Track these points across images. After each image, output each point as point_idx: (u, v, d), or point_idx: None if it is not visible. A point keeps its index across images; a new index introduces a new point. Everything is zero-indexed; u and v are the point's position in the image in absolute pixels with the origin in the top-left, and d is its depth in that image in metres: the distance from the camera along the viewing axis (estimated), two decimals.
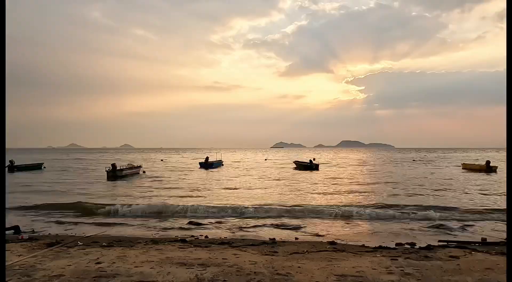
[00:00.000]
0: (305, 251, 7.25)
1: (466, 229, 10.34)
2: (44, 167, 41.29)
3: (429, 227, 10.59)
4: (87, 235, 9.25)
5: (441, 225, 10.73)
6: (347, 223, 11.28)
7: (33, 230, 10.02)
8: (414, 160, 60.02)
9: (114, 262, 6.13)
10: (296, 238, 9.19)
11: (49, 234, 9.54)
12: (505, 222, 11.09)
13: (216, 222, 11.45)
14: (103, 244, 7.83)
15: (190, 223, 11.25)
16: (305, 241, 8.72)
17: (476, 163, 39.79)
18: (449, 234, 9.76)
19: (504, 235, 9.22)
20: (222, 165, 44.98)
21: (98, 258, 6.43)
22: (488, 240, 8.58)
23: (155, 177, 29.24)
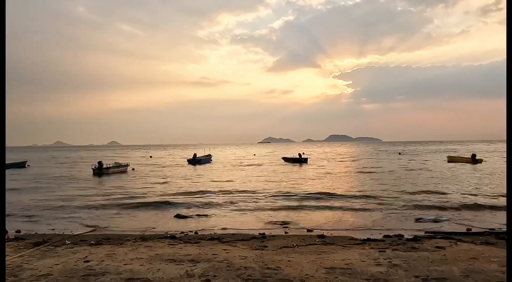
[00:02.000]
0: (295, 245, 7.31)
1: (452, 220, 10.54)
2: (28, 165, 40.72)
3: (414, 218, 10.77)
4: (74, 234, 9.15)
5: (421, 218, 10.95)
6: (333, 217, 11.40)
7: (19, 230, 9.85)
8: (400, 153, 60.81)
9: (103, 260, 6.08)
10: (286, 232, 9.24)
11: (36, 233, 9.39)
12: (489, 212, 11.37)
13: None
14: (92, 242, 7.75)
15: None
16: (295, 235, 8.77)
17: (461, 156, 40.48)
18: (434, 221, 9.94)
19: (488, 225, 9.45)
20: (211, 160, 44.84)
21: (86, 256, 6.37)
22: (473, 230, 8.77)
23: (144, 174, 28.95)
